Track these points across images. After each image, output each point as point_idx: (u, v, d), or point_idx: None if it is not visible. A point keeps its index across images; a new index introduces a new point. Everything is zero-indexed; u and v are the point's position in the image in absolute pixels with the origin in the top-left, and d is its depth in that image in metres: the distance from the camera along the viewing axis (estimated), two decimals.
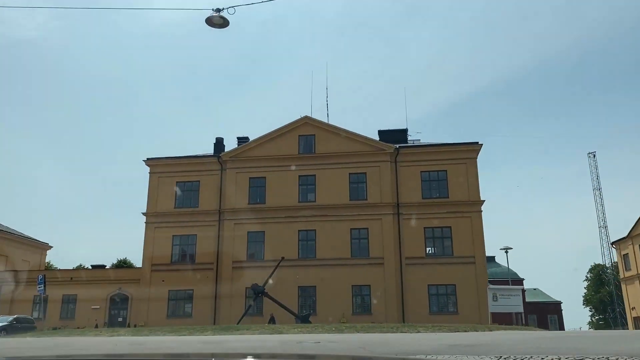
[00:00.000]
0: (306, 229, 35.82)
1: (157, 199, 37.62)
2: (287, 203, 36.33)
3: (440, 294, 34.32)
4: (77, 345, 15.04)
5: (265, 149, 37.75)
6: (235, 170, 37.48)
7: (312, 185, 36.79)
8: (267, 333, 19.33)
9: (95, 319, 36.08)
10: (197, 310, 35.04)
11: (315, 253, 35.39)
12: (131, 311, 36.34)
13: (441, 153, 36.46)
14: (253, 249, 36.12)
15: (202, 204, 37.26)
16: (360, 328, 20.32)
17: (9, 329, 26.72)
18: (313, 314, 32.95)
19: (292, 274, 34.06)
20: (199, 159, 38.26)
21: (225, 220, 36.58)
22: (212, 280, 35.55)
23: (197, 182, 37.84)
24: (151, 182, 38.16)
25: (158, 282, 35.72)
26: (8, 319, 28.26)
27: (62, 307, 37.23)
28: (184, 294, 35.85)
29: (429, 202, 35.56)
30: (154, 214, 37.30)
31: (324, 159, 36.93)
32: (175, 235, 36.87)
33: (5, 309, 36.91)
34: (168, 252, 36.58)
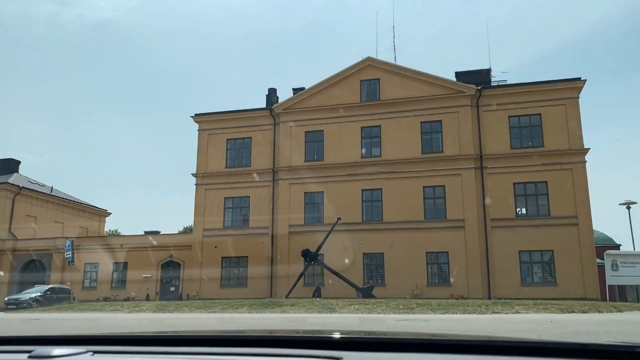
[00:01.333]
0: (371, 188, 31.07)
1: (206, 158, 34.17)
2: (348, 159, 31.65)
3: (535, 262, 28.61)
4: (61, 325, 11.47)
5: (322, 98, 33.06)
6: (290, 124, 33.17)
7: (377, 137, 31.81)
8: (314, 310, 15.01)
9: (147, 288, 33.61)
10: (252, 280, 31.57)
11: (381, 215, 30.64)
12: (183, 280, 33.53)
13: (534, 93, 30.14)
14: (311, 212, 31.91)
15: (255, 163, 33.40)
16: (437, 306, 15.49)
17: (42, 300, 24.37)
18: (380, 285, 28.46)
19: (356, 239, 29.62)
20: (250, 113, 34.23)
21: (280, 180, 32.54)
22: (267, 246, 31.86)
23: (248, 139, 33.96)
24: (200, 140, 34.71)
25: (210, 249, 32.51)
26: (42, 289, 25.99)
27: (113, 275, 35.10)
28: (237, 262, 32.46)
29: (520, 152, 29.60)
30: (204, 174, 33.91)
31: (391, 107, 31.73)
32: (227, 197, 33.37)
33: (57, 277, 35.30)
34: (220, 216, 33.21)
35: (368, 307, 14.81)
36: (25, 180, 42.11)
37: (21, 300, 24.42)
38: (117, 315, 15.26)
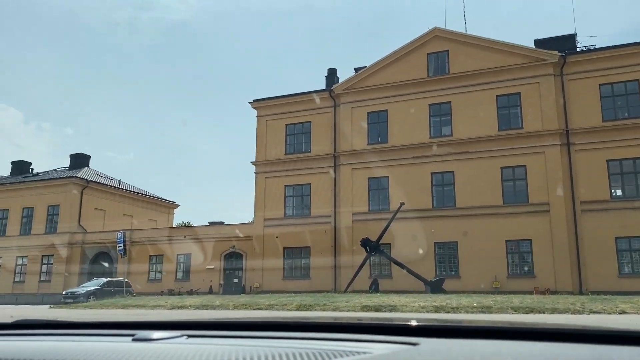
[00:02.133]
0: (441, 170, 28.37)
1: (265, 145, 32.77)
2: (415, 140, 29.09)
3: (635, 250, 24.86)
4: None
5: (385, 76, 30.60)
6: (351, 105, 31.02)
7: (448, 114, 28.99)
8: (371, 308, 12.90)
9: (210, 280, 32.85)
10: (315, 271, 29.90)
11: (454, 201, 27.89)
12: (246, 272, 32.46)
13: (630, 56, 26.16)
14: (375, 198, 29.67)
15: (315, 148, 31.59)
16: (520, 304, 12.89)
17: (99, 293, 23.89)
18: (454, 277, 25.86)
19: (426, 227, 27.12)
20: (309, 96, 32.38)
21: (342, 165, 30.53)
22: (329, 235, 30.03)
23: (308, 123, 32.18)
24: (259, 126, 33.36)
25: (271, 239, 31.15)
26: (99, 283, 25.58)
27: (177, 267, 34.67)
28: (299, 252, 30.89)
29: (614, 125, 25.81)
30: (264, 162, 32.55)
31: (462, 80, 28.79)
32: (288, 185, 31.82)
33: (123, 269, 35.38)
34: (281, 205, 31.75)
35: (435, 305, 12.52)
36: (95, 174, 42.80)
37: (78, 294, 24.11)
38: (156, 312, 13.96)
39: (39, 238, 37.86)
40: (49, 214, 38.44)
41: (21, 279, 38.00)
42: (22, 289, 36.83)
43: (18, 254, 38.26)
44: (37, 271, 37.51)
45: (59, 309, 17.75)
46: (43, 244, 37.56)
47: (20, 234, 38.74)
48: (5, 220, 39.60)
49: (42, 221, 38.43)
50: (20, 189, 39.61)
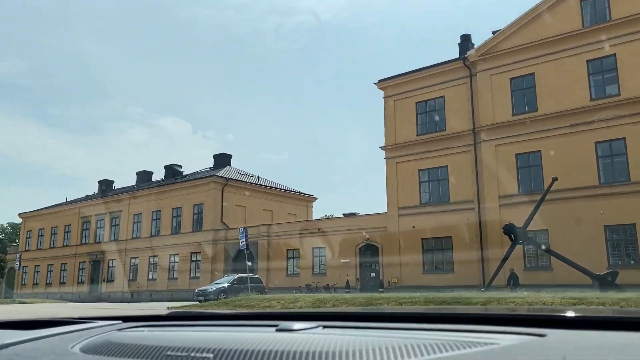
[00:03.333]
0: (609, 138, 23.30)
1: (395, 127, 30.13)
2: (572, 104, 24.28)
3: None
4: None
5: (529, 34, 26.09)
6: (490, 72, 27.04)
7: (612, 70, 23.75)
8: None
9: (347, 274, 31.21)
10: (459, 264, 26.61)
11: (627, 174, 22.71)
12: (382, 266, 30.22)
13: None
14: (526, 178, 25.44)
15: (451, 126, 28.18)
16: None
17: (229, 290, 23.36)
18: (633, 267, 20.90)
19: (592, 208, 22.43)
20: (440, 68, 29.00)
21: (483, 142, 26.74)
22: (473, 223, 26.49)
23: (440, 99, 28.84)
24: (386, 108, 30.82)
25: (408, 230, 28.49)
26: (230, 280, 25.11)
27: (313, 261, 33.63)
28: (439, 243, 27.80)
29: None
30: (394, 146, 29.95)
31: (628, 26, 23.34)
32: (422, 169, 28.85)
33: (263, 265, 35.35)
34: (415, 191, 28.92)
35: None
36: (235, 172, 43.79)
37: (208, 292, 23.87)
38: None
39: (187, 236, 39.59)
40: (194, 213, 40.02)
41: (174, 276, 40.09)
42: (176, 285, 38.79)
43: (171, 252, 40.45)
44: (187, 268, 39.26)
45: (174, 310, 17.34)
46: (191, 242, 39.18)
47: (171, 233, 40.94)
48: (159, 221, 42.17)
49: (189, 220, 40.17)
50: (170, 190, 41.89)
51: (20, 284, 52.70)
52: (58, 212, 50.76)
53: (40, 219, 52.58)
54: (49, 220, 51.47)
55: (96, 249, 45.84)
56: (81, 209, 48.53)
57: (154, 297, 39.56)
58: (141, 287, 41.51)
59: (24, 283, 52.49)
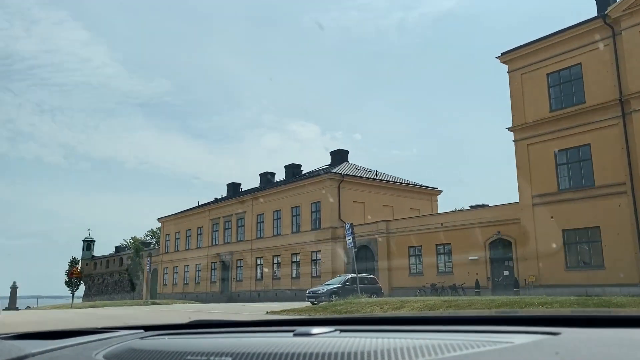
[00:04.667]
0: None
1: (523, 105, 26.57)
2: None
3: None
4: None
5: None
6: (639, 28, 22.55)
7: None
8: None
9: (476, 273, 28.27)
10: (610, 259, 22.54)
11: None
12: (517, 262, 26.81)
13: None
14: None
15: (591, 96, 24.03)
16: None
17: (341, 291, 21.84)
18: None
19: None
20: (574, 31, 24.89)
21: (634, 112, 22.37)
22: (627, 210, 22.27)
23: (576, 67, 24.78)
24: (512, 83, 27.32)
25: (544, 220, 24.89)
26: (342, 280, 23.53)
27: (437, 259, 31.06)
28: (585, 235, 23.85)
29: None
30: (523, 126, 26.41)
31: None
32: (559, 150, 25.03)
33: (384, 264, 33.49)
34: (552, 176, 25.17)
35: None
36: (352, 168, 42.48)
37: (319, 293, 22.51)
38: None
39: (306, 235, 39.08)
40: (312, 211, 39.39)
41: (297, 274, 39.80)
42: (298, 285, 38.43)
43: (292, 251, 40.24)
44: (308, 268, 38.71)
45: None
46: (310, 240, 38.59)
47: (292, 232, 40.73)
48: (280, 221, 42.23)
49: (307, 219, 39.63)
50: (288, 190, 41.75)
51: (162, 285, 56.44)
52: (191, 215, 53.43)
53: (176, 223, 55.84)
54: (183, 223, 54.43)
55: (225, 250, 47.33)
56: (210, 211, 50.52)
57: (279, 297, 39.61)
58: (267, 287, 41.89)
59: (165, 284, 56.10)
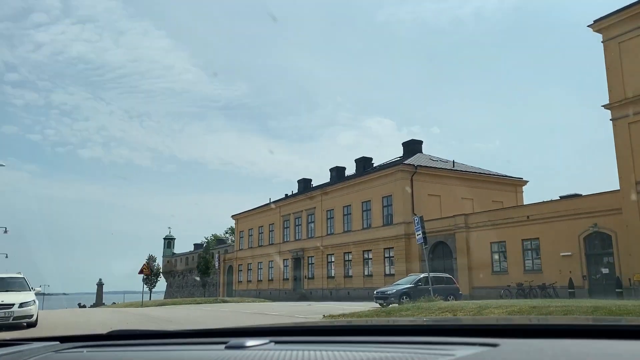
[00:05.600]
0: None
1: (622, 78, 23.00)
2: None
3: None
4: None
5: None
6: None
7: None
8: None
9: (569, 271, 25.04)
10: None
11: None
12: (618, 258, 23.32)
13: None
14: None
15: None
16: None
17: (412, 292, 19.61)
18: None
19: None
20: None
21: None
22: None
23: None
24: (608, 54, 23.76)
25: None
26: (413, 280, 21.20)
27: (523, 255, 27.95)
28: None
29: None
30: (622, 102, 22.85)
31: None
32: None
33: (463, 261, 30.73)
34: None
35: None
36: (427, 159, 39.84)
37: (388, 294, 20.31)
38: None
39: (378, 231, 37.04)
40: (384, 206, 37.24)
41: (369, 273, 37.87)
42: (372, 283, 36.44)
43: (364, 248, 38.34)
44: (381, 266, 36.66)
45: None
46: (382, 237, 36.52)
47: (362, 228, 38.81)
48: (350, 216, 40.42)
49: (378, 214, 37.54)
50: (358, 184, 39.84)
51: (237, 282, 56.45)
52: (262, 212, 52.91)
53: (248, 220, 55.60)
54: (256, 220, 54.04)
55: (296, 247, 46.26)
56: (281, 208, 49.66)
57: (351, 295, 37.92)
58: (339, 285, 40.28)
59: (240, 280, 56.05)
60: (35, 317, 12.88)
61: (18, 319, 12.28)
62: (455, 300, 21.30)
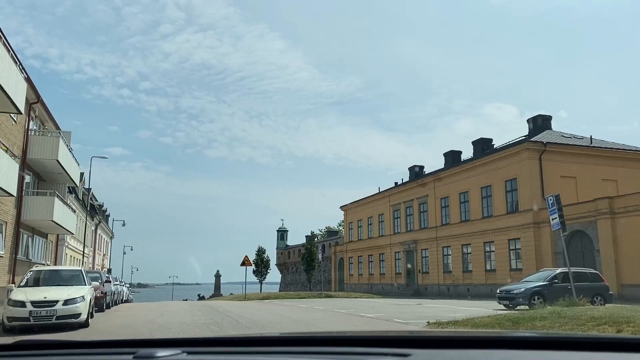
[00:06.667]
0: None
1: None
2: None
3: None
4: None
5: None
6: None
7: None
8: None
9: None
10: None
11: None
12: None
13: None
14: None
15: None
16: None
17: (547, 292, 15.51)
18: None
19: None
20: None
21: None
22: None
23: None
24: None
25: None
26: (547, 276, 16.90)
27: None
28: None
29: None
30: None
31: None
32: None
33: (608, 252, 25.38)
34: None
35: None
36: (558, 136, 34.33)
37: (515, 293, 16.22)
38: None
39: (500, 220, 32.49)
40: (507, 191, 32.54)
41: (491, 267, 33.45)
42: (495, 279, 32.09)
43: (484, 239, 33.99)
44: (505, 259, 32.11)
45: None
46: (506, 226, 31.96)
47: (482, 217, 34.37)
48: (467, 204, 36.12)
49: (501, 200, 32.90)
50: (476, 167, 35.41)
51: (348, 275, 54.18)
52: (371, 202, 50.02)
53: (357, 210, 53.03)
54: (365, 210, 51.32)
55: (408, 238, 42.81)
56: (391, 197, 46.41)
57: (471, 292, 33.84)
58: (457, 280, 36.25)
59: (351, 274, 53.71)
60: (86, 316, 11.23)
61: (62, 318, 10.67)
62: (605, 302, 16.82)
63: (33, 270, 12.44)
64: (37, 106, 21.51)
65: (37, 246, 24.25)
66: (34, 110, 21.51)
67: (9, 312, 10.53)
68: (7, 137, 18.56)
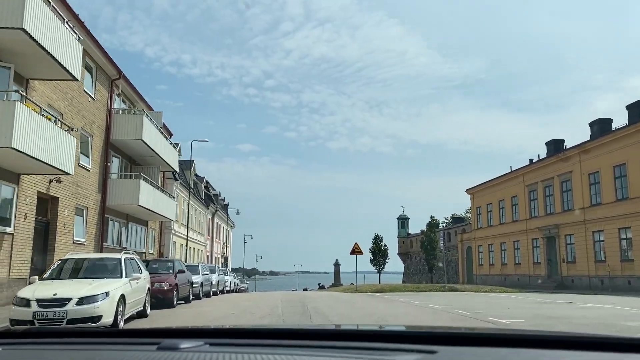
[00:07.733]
0: None
1: None
2: None
3: None
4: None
5: None
6: None
7: None
8: None
9: None
10: None
11: None
12: None
13: None
14: None
15: None
16: None
17: None
18: None
19: None
20: None
21: None
22: None
23: None
24: None
25: None
26: None
27: None
28: None
29: None
30: None
31: None
32: None
33: None
34: None
35: None
36: None
37: None
38: None
39: None
40: None
41: (629, 256, 27.20)
42: (632, 270, 25.77)
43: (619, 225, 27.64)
44: None
45: None
46: None
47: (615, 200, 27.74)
48: (624, 179, 29.47)
49: None
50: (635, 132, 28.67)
51: (478, 265, 48.80)
52: (502, 183, 44.18)
53: (486, 193, 47.38)
54: (495, 193, 45.58)
55: (548, 223, 36.72)
56: (525, 176, 40.35)
57: (632, 286, 27.68)
58: (613, 271, 29.87)
59: (481, 264, 48.28)
60: (112, 318, 8.68)
61: (76, 321, 8.21)
62: None
63: (61, 259, 10.38)
64: (119, 82, 20.09)
65: (134, 234, 23.16)
66: (117, 86, 20.13)
67: (12, 312, 8.38)
68: (81, 115, 17.17)
